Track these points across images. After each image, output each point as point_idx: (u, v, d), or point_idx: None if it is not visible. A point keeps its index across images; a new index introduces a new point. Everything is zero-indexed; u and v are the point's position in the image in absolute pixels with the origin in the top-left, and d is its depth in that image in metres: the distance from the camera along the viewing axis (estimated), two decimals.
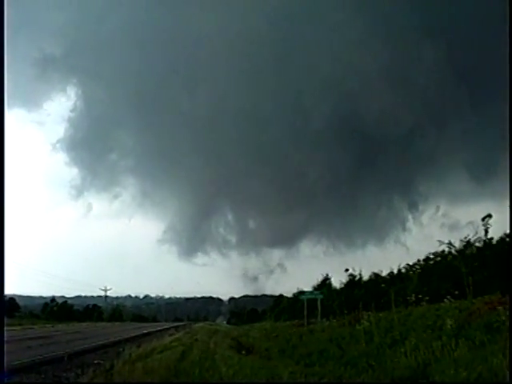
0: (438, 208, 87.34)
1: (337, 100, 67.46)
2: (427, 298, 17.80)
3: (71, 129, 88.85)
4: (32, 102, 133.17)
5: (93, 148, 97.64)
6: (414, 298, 18.37)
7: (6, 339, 6.94)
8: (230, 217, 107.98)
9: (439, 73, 61.18)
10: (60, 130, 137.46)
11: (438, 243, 24.21)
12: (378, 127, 65.70)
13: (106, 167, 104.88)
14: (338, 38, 65.08)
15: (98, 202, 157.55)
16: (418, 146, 74.18)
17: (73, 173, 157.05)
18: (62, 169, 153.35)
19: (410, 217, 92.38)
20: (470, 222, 23.76)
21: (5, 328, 6.79)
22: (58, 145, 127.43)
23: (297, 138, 78.27)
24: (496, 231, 21.49)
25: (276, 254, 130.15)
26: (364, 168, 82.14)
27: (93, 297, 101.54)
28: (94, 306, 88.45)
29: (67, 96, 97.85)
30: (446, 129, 75.78)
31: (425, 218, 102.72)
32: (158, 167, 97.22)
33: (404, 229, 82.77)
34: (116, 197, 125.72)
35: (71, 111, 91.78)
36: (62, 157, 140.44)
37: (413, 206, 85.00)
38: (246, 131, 77.73)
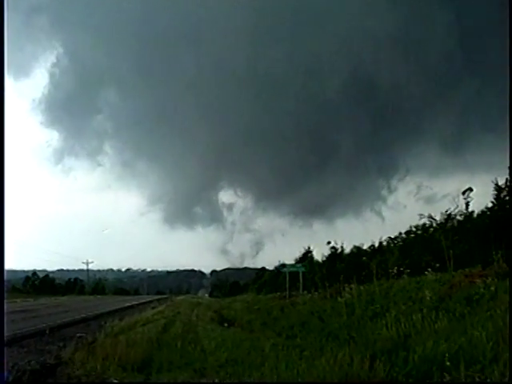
0: (407, 171, 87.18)
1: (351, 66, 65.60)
2: (408, 270, 18.01)
3: (51, 86, 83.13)
4: (13, 55, 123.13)
5: (76, 108, 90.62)
6: (395, 271, 18.58)
7: None
8: (212, 189, 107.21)
9: (448, 39, 59.79)
10: (42, 86, 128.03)
11: (412, 213, 24.60)
12: (386, 96, 64.39)
13: (89, 131, 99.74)
14: (350, 1, 62.49)
15: (80, 172, 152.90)
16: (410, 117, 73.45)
17: (53, 136, 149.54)
18: (42, 131, 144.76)
19: (385, 189, 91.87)
20: (447, 195, 23.98)
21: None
22: (36, 103, 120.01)
23: (310, 103, 75.08)
24: (472, 204, 21.73)
25: (257, 227, 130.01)
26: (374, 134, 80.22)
27: (75, 270, 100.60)
28: (76, 279, 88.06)
29: (53, 49, 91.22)
30: (439, 99, 74.84)
31: (400, 190, 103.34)
32: (149, 134, 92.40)
33: (379, 198, 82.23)
34: (98, 165, 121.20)
35: (52, 66, 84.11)
36: (40, 118, 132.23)
37: (386, 176, 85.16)
38: (255, 96, 73.54)
